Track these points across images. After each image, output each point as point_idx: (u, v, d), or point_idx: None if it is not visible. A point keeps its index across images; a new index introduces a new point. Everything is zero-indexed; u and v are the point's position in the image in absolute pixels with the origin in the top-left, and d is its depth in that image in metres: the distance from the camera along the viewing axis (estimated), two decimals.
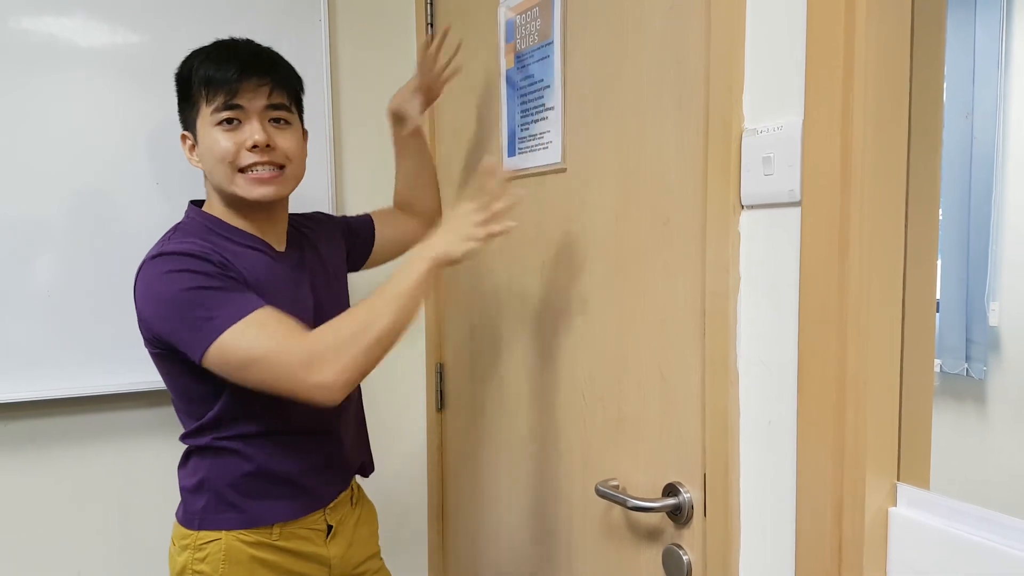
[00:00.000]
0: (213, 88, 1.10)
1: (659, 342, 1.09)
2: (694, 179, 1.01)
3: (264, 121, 1.13)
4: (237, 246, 1.15)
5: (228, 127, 1.11)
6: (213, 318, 1.02)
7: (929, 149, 0.83)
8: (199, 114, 1.13)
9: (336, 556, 1.25)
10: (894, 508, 0.80)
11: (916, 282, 0.83)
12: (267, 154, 1.12)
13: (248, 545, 1.16)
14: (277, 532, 1.18)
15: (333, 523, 1.25)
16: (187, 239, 1.10)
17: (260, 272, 1.14)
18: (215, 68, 1.11)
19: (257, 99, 1.12)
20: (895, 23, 0.80)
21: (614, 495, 1.12)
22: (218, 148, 1.11)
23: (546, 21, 1.30)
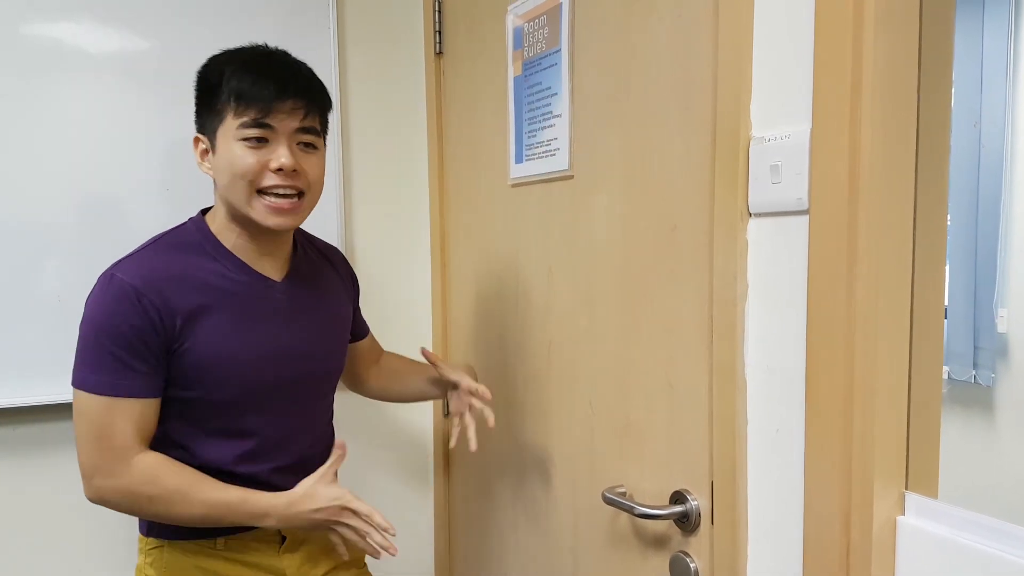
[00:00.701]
0: (245, 103, 1.04)
1: (666, 350, 1.09)
2: (701, 187, 1.02)
3: (292, 144, 1.08)
4: (218, 267, 1.12)
5: (254, 145, 1.06)
6: (85, 370, 1.05)
7: (937, 157, 0.84)
8: (222, 123, 1.07)
9: (292, 567, 1.20)
10: (902, 517, 0.80)
11: (924, 290, 0.83)
12: (291, 178, 1.07)
13: (189, 554, 1.15)
14: (222, 543, 1.15)
15: (287, 534, 1.19)
16: (156, 259, 1.09)
17: (224, 301, 1.10)
18: (250, 82, 1.05)
19: (290, 121, 1.06)
20: (903, 32, 0.80)
21: (621, 502, 1.12)
22: (240, 164, 1.05)
23: (554, 29, 1.30)
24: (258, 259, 1.15)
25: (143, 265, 1.08)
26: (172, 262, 1.09)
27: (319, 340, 1.22)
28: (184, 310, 1.07)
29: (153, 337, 1.05)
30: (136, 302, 1.04)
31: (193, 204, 1.62)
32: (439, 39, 1.75)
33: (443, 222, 1.77)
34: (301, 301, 1.20)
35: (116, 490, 1.06)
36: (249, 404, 1.13)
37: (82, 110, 1.49)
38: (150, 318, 1.04)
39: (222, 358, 1.09)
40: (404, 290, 1.81)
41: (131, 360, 1.04)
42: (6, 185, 1.45)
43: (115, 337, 1.04)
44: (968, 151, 2.39)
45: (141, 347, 1.05)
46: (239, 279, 1.13)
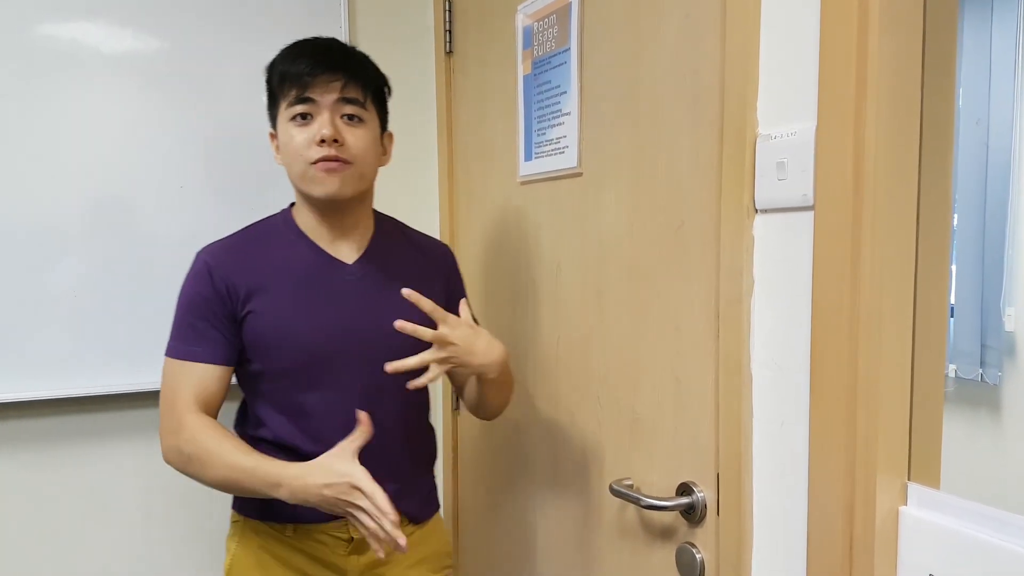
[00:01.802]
0: (287, 83, 1.12)
1: (673, 345, 1.11)
2: (708, 184, 1.03)
3: (335, 116, 1.12)
4: (291, 248, 1.19)
5: (301, 122, 1.12)
6: (171, 339, 1.17)
7: (941, 155, 0.85)
8: (279, 111, 1.15)
9: (355, 570, 1.21)
10: (905, 507, 0.82)
11: (928, 284, 0.84)
12: (334, 149, 1.11)
13: (259, 534, 1.20)
14: (291, 530, 1.19)
15: (357, 535, 1.19)
16: (236, 239, 1.21)
17: (298, 277, 1.17)
18: (289, 63, 1.12)
19: (329, 93, 1.11)
20: (907, 30, 0.81)
21: (628, 494, 1.13)
22: (291, 143, 1.13)
23: (563, 28, 1.32)
24: (332, 242, 1.21)
25: (223, 246, 1.19)
26: (249, 243, 1.20)
27: (385, 320, 1.16)
28: (250, 284, 1.15)
29: (220, 307, 1.15)
30: (208, 276, 1.15)
31: (207, 202, 1.65)
32: (449, 38, 1.76)
33: (453, 219, 1.79)
34: (371, 283, 1.22)
35: (170, 448, 1.14)
36: (307, 378, 1.16)
37: (96, 110, 1.52)
38: (218, 290, 1.14)
39: (279, 329, 1.15)
40: None
41: (202, 327, 1.15)
42: (23, 184, 1.47)
43: (190, 307, 1.16)
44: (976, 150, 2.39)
45: (210, 315, 1.15)
46: (308, 259, 1.19)
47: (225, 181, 1.62)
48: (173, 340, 1.17)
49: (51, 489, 1.57)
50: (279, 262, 1.18)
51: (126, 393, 1.58)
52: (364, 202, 1.23)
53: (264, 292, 1.16)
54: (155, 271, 1.57)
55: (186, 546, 1.68)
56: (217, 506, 1.68)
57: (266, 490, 1.07)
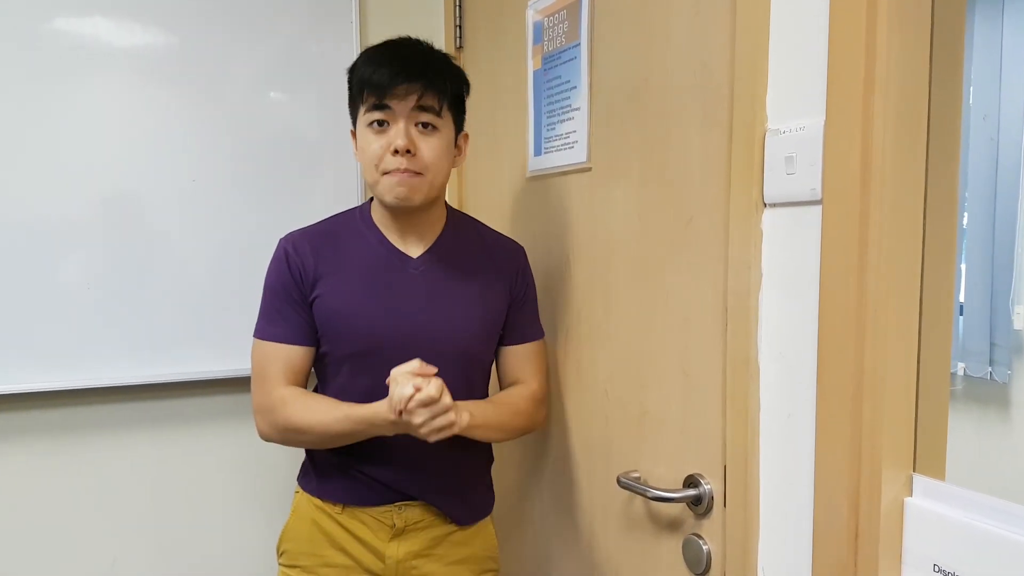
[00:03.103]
0: (368, 89, 1.15)
1: (681, 339, 1.12)
2: (717, 178, 1.04)
3: (410, 124, 1.15)
4: (361, 239, 1.25)
5: (378, 128, 1.16)
6: (260, 321, 1.25)
7: (948, 150, 0.85)
8: (359, 114, 1.19)
9: (394, 556, 1.25)
10: (910, 498, 0.82)
11: (934, 278, 0.85)
12: (407, 160, 1.15)
13: (314, 508, 1.27)
14: (340, 509, 1.26)
15: (400, 524, 1.25)
16: (311, 228, 1.27)
17: (364, 266, 1.23)
18: (372, 69, 1.15)
19: (406, 102, 1.14)
20: (915, 26, 0.82)
21: (636, 486, 1.14)
22: (367, 148, 1.17)
23: (573, 23, 1.33)
24: (401, 236, 1.26)
25: (302, 233, 1.26)
26: (326, 233, 1.26)
27: (447, 314, 1.24)
28: (320, 270, 1.22)
29: (296, 291, 1.22)
30: (286, 261, 1.22)
31: (219, 195, 1.67)
32: (459, 34, 1.77)
33: None
34: (434, 276, 1.26)
35: (267, 425, 1.22)
36: (364, 364, 1.21)
37: (107, 105, 1.53)
38: (293, 274, 1.22)
39: (341, 314, 1.21)
40: None
41: (284, 309, 1.22)
42: (37, 178, 1.49)
43: (272, 291, 1.24)
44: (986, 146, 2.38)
45: (288, 299, 1.22)
46: (376, 250, 1.25)
47: (236, 175, 1.64)
48: (260, 321, 1.24)
49: (63, 478, 1.59)
50: (349, 251, 1.24)
51: (137, 385, 1.60)
52: (435, 203, 1.26)
53: (332, 278, 1.22)
54: (166, 264, 1.59)
55: (194, 536, 1.70)
56: (218, 500, 1.70)
57: (366, 429, 1.15)
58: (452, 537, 1.29)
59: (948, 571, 0.78)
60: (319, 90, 1.70)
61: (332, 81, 1.68)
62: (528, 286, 1.35)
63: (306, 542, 1.27)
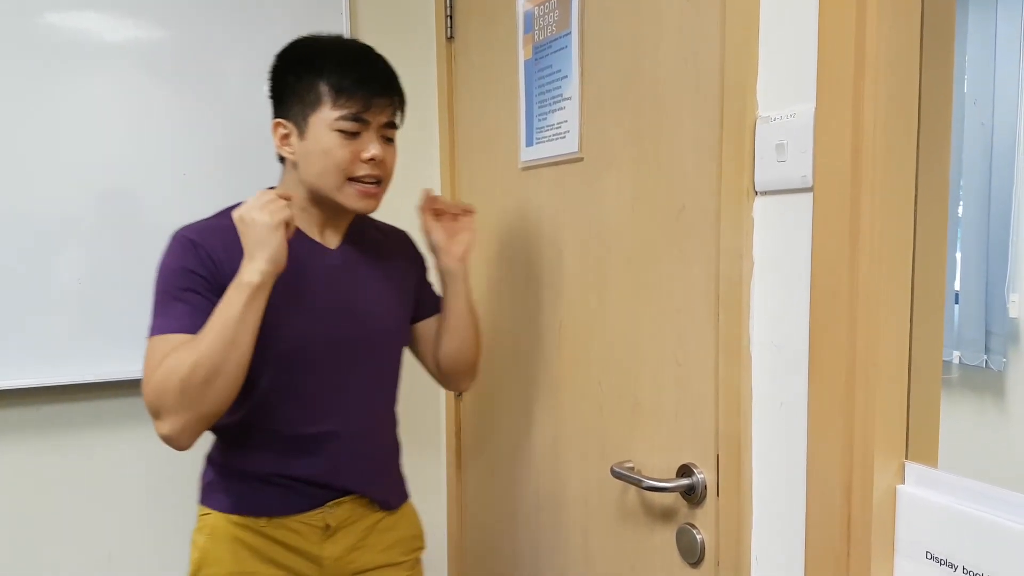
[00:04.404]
0: (347, 97, 1.14)
1: (674, 328, 1.11)
2: (709, 167, 1.03)
3: (379, 136, 1.18)
4: None
5: (348, 137, 1.15)
6: (155, 319, 1.11)
7: (939, 136, 0.85)
8: (316, 113, 1.14)
9: (330, 556, 1.22)
10: (902, 486, 0.82)
11: (926, 264, 0.84)
12: (377, 167, 1.18)
13: (234, 526, 1.19)
14: (265, 521, 1.19)
15: (332, 523, 1.22)
16: (212, 220, 1.18)
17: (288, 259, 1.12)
18: (353, 80, 1.14)
19: (381, 116, 1.17)
20: (906, 12, 0.81)
21: (629, 476, 1.14)
22: (335, 154, 1.14)
23: (564, 12, 1.32)
24: (319, 229, 1.23)
25: (204, 225, 1.18)
26: (228, 228, 1.12)
27: (371, 303, 1.26)
28: (236, 265, 1.09)
29: (211, 279, 1.11)
30: (192, 249, 1.13)
31: (210, 189, 1.66)
32: (450, 24, 1.76)
33: None
34: (354, 267, 1.26)
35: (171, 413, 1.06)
36: (302, 361, 1.17)
37: (101, 100, 1.52)
38: (204, 261, 1.12)
39: (272, 313, 1.10)
40: None
41: (194, 300, 1.11)
42: (30, 174, 1.48)
43: (175, 279, 1.12)
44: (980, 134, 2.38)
45: (201, 288, 1.11)
46: (292, 245, 1.14)
47: (229, 170, 1.63)
48: (161, 318, 1.10)
49: (55, 474, 1.58)
50: None
51: (130, 380, 1.59)
52: None
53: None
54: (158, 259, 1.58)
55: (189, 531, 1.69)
56: None
57: (247, 292, 1.05)
58: (381, 524, 1.28)
59: (941, 558, 0.78)
60: None
61: None
62: (424, 265, 1.41)
63: (231, 563, 1.19)
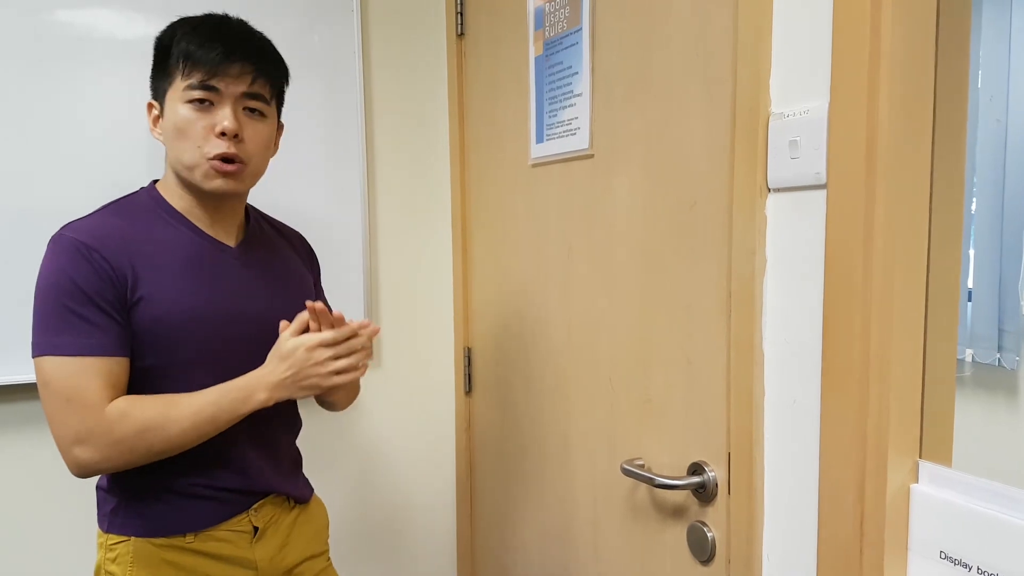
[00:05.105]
0: (192, 64, 1.05)
1: (685, 325, 1.11)
2: (721, 163, 1.03)
3: (238, 109, 1.08)
4: (171, 229, 1.11)
5: (199, 107, 1.06)
6: (47, 336, 1.02)
7: (955, 132, 0.84)
8: (171, 86, 1.07)
9: (264, 558, 1.17)
10: (916, 485, 0.82)
11: (941, 262, 0.84)
12: (233, 145, 1.08)
13: (158, 547, 1.10)
14: (191, 537, 1.12)
15: (260, 524, 1.17)
16: (108, 219, 1.08)
17: (181, 261, 1.10)
18: (198, 44, 1.05)
19: (236, 85, 1.07)
20: (921, 7, 0.80)
21: (640, 474, 1.14)
22: (184, 125, 1.06)
23: (575, 8, 1.32)
24: (210, 225, 1.15)
25: (93, 225, 1.07)
26: (124, 223, 1.08)
27: (276, 303, 1.20)
28: (135, 266, 1.05)
29: (110, 290, 1.03)
30: (87, 256, 1.02)
31: None
32: (461, 20, 1.76)
33: (464, 202, 1.79)
34: (256, 265, 1.20)
35: (100, 448, 1.01)
36: (206, 365, 1.10)
37: (111, 96, 1.52)
38: (103, 271, 1.03)
39: (175, 315, 1.07)
40: (425, 269, 1.84)
41: (93, 316, 1.02)
42: (33, 172, 1.48)
43: (72, 294, 1.02)
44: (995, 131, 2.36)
45: (100, 301, 1.02)
46: (192, 241, 1.12)
47: None
48: (55, 335, 1.01)
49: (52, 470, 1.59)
50: (161, 245, 1.09)
51: None
52: (247, 192, 1.19)
53: (151, 277, 1.06)
54: None
55: None
56: None
57: (242, 407, 1.05)
58: (299, 519, 1.25)
59: (955, 558, 0.77)
60: (321, 80, 1.69)
61: (334, 71, 1.67)
62: (319, 270, 1.38)
63: None
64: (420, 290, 1.84)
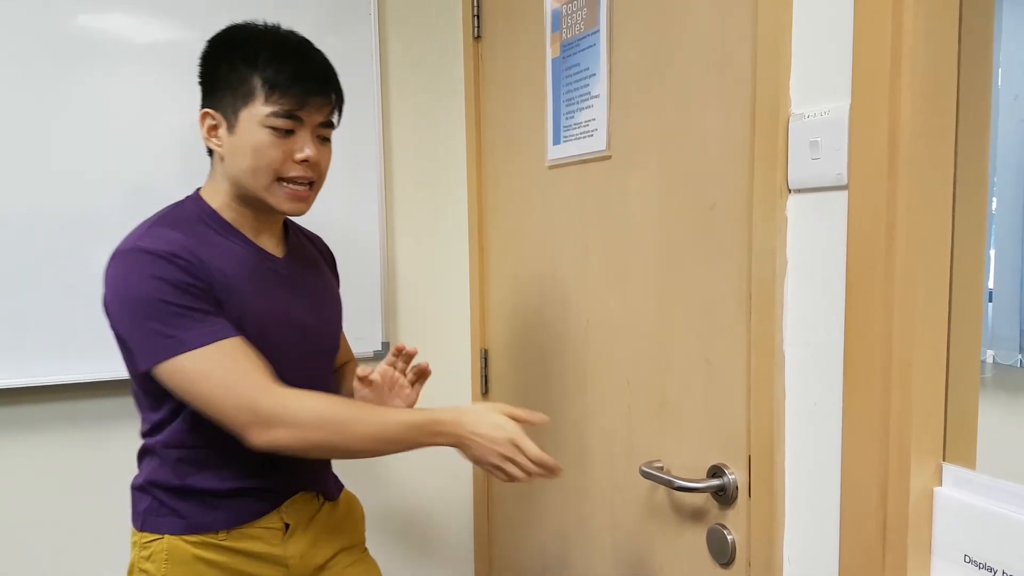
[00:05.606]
0: (280, 93, 1.08)
1: (704, 327, 1.11)
2: (740, 164, 1.02)
3: (314, 136, 1.13)
4: (225, 241, 1.13)
5: (280, 135, 1.09)
6: (174, 336, 1.02)
7: (978, 133, 0.83)
8: (249, 107, 1.09)
9: (295, 555, 1.19)
10: (939, 488, 0.81)
11: (964, 264, 0.83)
12: (310, 169, 1.13)
13: (192, 545, 1.12)
14: (224, 534, 1.14)
15: (291, 521, 1.19)
16: (170, 232, 1.08)
17: (241, 272, 1.12)
18: (289, 75, 1.09)
19: (317, 116, 1.12)
20: (944, 6, 0.80)
21: (659, 476, 1.14)
22: (267, 151, 1.09)
23: (592, 10, 1.32)
24: (257, 236, 1.18)
25: (160, 237, 1.06)
26: (182, 235, 1.08)
27: (321, 314, 1.25)
28: (212, 279, 1.06)
29: (204, 288, 1.05)
30: (173, 262, 1.03)
31: None
32: (477, 23, 1.76)
33: (481, 204, 1.80)
34: (301, 276, 1.23)
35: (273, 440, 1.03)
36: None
37: (136, 99, 1.54)
38: (192, 273, 1.04)
39: (247, 323, 1.08)
40: (442, 271, 1.85)
41: (205, 307, 1.04)
42: (64, 172, 1.50)
43: (176, 294, 1.02)
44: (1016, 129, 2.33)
45: (203, 296, 1.05)
46: (247, 252, 1.15)
47: None
48: (180, 332, 1.01)
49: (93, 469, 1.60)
50: (220, 255, 1.10)
51: None
52: None
53: (227, 289, 1.08)
54: None
55: None
56: None
57: (423, 438, 1.06)
58: (330, 515, 1.26)
59: (979, 561, 0.76)
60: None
61: (351, 74, 1.67)
62: (337, 271, 1.40)
63: None
64: (437, 292, 1.84)
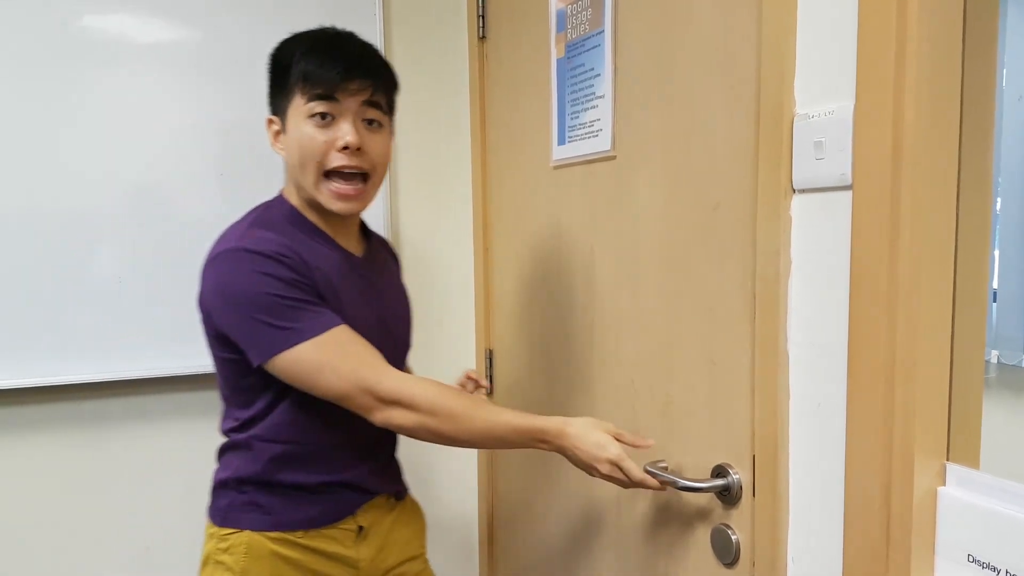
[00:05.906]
0: (312, 82, 1.08)
1: (708, 327, 1.11)
2: (744, 164, 1.03)
3: (358, 121, 1.10)
4: (312, 241, 1.14)
5: (321, 122, 1.09)
6: (290, 328, 1.05)
7: (982, 133, 0.83)
8: (291, 104, 1.11)
9: (366, 558, 1.21)
10: (943, 488, 0.81)
11: (968, 264, 0.83)
12: (356, 157, 1.10)
13: (271, 541, 1.15)
14: (302, 533, 1.17)
15: (365, 524, 1.21)
16: (268, 233, 1.09)
17: (332, 272, 1.14)
18: (318, 64, 1.08)
19: (356, 98, 1.10)
20: (948, 6, 0.80)
21: (663, 476, 1.13)
22: (308, 143, 1.09)
23: (597, 10, 1.32)
24: (336, 236, 1.19)
25: (261, 238, 1.08)
26: (277, 235, 1.10)
27: (397, 312, 1.28)
28: (312, 271, 1.09)
29: (310, 284, 1.08)
30: (280, 260, 1.06)
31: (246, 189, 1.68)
32: (482, 23, 1.77)
33: (486, 204, 1.80)
34: (379, 277, 1.26)
35: (392, 418, 1.07)
36: None
37: (136, 100, 1.55)
38: (299, 270, 1.07)
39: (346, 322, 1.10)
40: (447, 271, 1.85)
41: (314, 299, 1.07)
42: (66, 173, 1.51)
43: (287, 289, 1.05)
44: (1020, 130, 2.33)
45: (310, 291, 1.08)
46: (333, 251, 1.16)
47: (268, 169, 1.65)
48: (294, 324, 1.04)
49: (96, 468, 1.61)
50: (318, 258, 1.13)
51: (170, 376, 1.62)
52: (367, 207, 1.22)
53: (324, 289, 1.11)
54: (197, 257, 1.60)
55: None
56: None
57: (526, 442, 1.09)
58: (399, 519, 1.28)
59: (983, 561, 0.77)
60: None
61: None
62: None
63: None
64: (442, 292, 1.85)
